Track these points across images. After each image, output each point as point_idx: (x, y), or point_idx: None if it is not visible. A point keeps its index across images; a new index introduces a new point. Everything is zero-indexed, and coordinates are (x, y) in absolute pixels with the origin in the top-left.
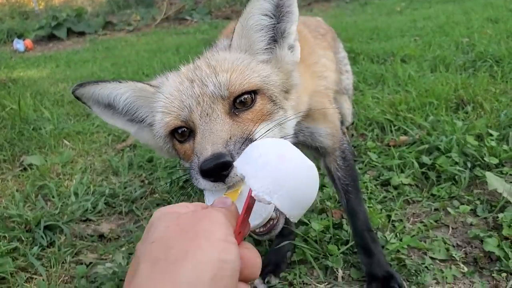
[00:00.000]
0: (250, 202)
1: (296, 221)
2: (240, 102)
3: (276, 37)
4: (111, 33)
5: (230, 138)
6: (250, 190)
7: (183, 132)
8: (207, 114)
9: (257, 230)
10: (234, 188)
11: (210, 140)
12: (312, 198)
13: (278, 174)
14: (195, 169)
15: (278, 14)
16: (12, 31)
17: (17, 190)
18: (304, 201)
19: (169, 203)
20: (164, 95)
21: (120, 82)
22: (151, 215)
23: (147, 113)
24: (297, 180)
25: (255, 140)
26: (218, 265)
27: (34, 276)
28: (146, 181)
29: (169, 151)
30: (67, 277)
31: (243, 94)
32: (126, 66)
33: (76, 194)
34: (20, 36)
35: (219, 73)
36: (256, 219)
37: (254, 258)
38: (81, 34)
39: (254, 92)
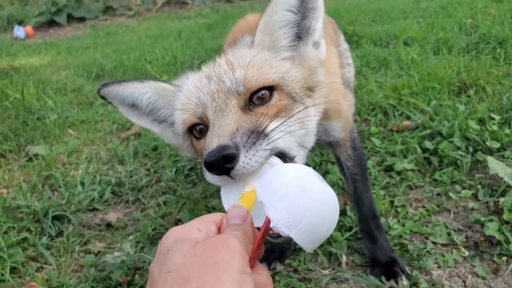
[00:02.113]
0: (266, 228)
1: (311, 252)
2: (258, 98)
3: (300, 34)
4: (112, 18)
5: (237, 130)
6: (267, 217)
7: (201, 130)
8: (221, 110)
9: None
10: (250, 187)
11: (218, 133)
12: (330, 232)
13: (299, 208)
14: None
15: (303, 10)
16: (12, 18)
17: (24, 181)
18: (322, 235)
19: (174, 191)
20: (183, 93)
21: (142, 82)
22: (157, 204)
23: (168, 113)
24: (318, 215)
25: (265, 132)
26: None
27: (44, 266)
28: (152, 170)
29: (188, 148)
30: (76, 266)
31: (260, 90)
32: (128, 53)
33: (82, 183)
34: (21, 23)
35: (236, 69)
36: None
37: (265, 285)
38: (81, 19)
39: (271, 88)
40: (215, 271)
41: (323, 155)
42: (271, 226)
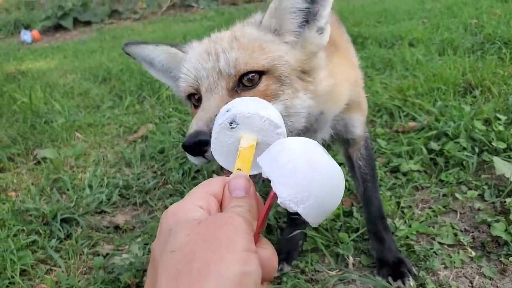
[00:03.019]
0: (271, 203)
1: (317, 226)
2: (248, 80)
3: (307, 19)
4: (118, 22)
5: (216, 115)
6: (272, 191)
7: (198, 98)
8: (211, 89)
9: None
10: (245, 141)
11: (199, 117)
12: (336, 205)
13: (308, 183)
14: None
15: None
16: (19, 22)
17: (32, 184)
18: (329, 209)
19: (181, 194)
20: (187, 63)
21: (156, 45)
22: (164, 206)
23: (177, 76)
24: (326, 190)
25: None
26: (241, 279)
27: (54, 268)
28: (159, 172)
29: (191, 111)
30: (85, 268)
31: (249, 73)
32: None
33: (90, 186)
34: (27, 27)
35: (232, 50)
36: (256, 169)
37: (270, 259)
38: (87, 23)
39: (261, 73)
40: (218, 250)
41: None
42: (278, 202)
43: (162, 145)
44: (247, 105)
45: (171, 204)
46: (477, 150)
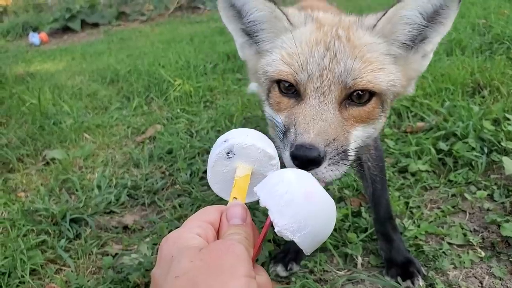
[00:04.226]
0: (266, 232)
1: (309, 254)
2: (357, 96)
3: (416, 39)
4: (125, 24)
5: (333, 140)
6: (269, 218)
7: (289, 88)
8: (323, 93)
9: None
10: (241, 170)
11: (317, 128)
12: (329, 235)
13: (304, 214)
14: (287, 142)
15: (431, 20)
16: (27, 25)
17: (41, 184)
18: (323, 238)
19: (189, 194)
20: (295, 43)
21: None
22: (173, 206)
23: (268, 40)
24: (321, 220)
25: (348, 152)
26: None
27: (63, 268)
28: (167, 173)
29: (260, 83)
30: (94, 268)
31: (364, 90)
32: (141, 58)
33: (99, 187)
34: (35, 30)
35: (356, 58)
36: (253, 196)
37: (266, 285)
38: (95, 25)
39: (373, 93)
40: (221, 276)
41: None
42: (275, 230)
43: (170, 145)
44: (244, 136)
45: (179, 204)
46: (486, 150)
